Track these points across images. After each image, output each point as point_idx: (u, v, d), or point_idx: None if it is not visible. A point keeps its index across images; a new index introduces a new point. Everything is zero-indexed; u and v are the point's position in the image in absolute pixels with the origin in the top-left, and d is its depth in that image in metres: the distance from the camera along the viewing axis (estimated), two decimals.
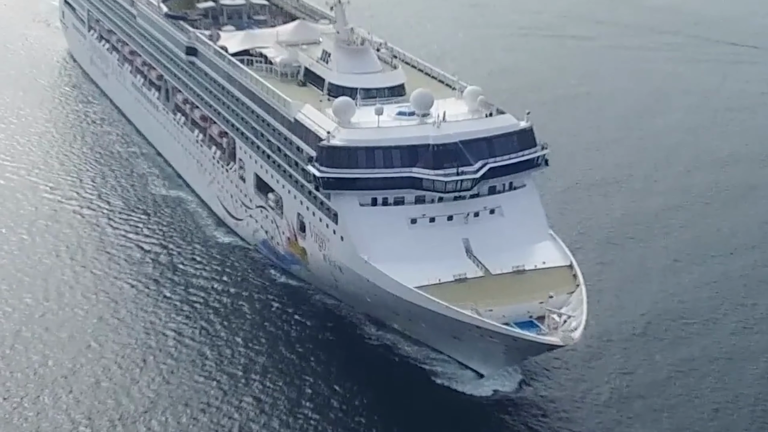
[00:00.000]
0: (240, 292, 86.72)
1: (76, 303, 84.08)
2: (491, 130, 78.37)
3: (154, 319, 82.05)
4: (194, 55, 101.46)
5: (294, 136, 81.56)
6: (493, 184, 78.11)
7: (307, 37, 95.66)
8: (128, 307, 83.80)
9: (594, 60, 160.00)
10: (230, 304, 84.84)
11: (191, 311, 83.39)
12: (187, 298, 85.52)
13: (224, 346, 78.54)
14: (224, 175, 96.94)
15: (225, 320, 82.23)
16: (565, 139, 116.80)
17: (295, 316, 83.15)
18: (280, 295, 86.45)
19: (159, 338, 79.32)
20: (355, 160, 75.42)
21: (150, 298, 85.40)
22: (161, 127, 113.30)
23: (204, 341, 79.12)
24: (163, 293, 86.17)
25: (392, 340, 79.07)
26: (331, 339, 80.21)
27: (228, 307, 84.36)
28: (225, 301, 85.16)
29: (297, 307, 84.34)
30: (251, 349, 78.17)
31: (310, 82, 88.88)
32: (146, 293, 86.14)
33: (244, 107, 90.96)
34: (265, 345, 78.86)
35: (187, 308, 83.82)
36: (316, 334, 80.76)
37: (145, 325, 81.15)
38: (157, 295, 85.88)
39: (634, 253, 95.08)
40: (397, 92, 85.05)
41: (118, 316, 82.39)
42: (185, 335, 79.78)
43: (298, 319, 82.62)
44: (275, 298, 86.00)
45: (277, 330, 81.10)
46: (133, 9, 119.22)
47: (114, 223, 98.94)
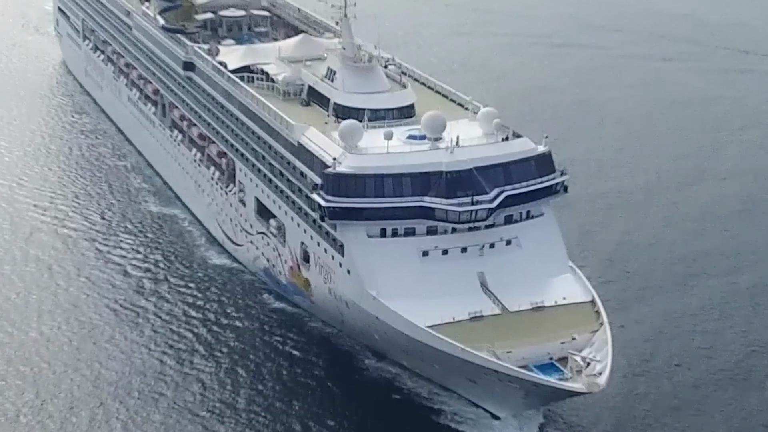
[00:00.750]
0: (230, 318, 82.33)
1: (54, 328, 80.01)
2: (508, 155, 73.59)
3: (135, 347, 77.79)
4: (192, 70, 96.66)
5: (297, 161, 76.78)
6: (510, 213, 73.37)
7: (310, 53, 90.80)
8: (108, 333, 79.49)
9: (606, 70, 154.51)
10: (219, 331, 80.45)
11: (176, 339, 79.07)
12: (173, 324, 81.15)
13: (210, 376, 74.16)
14: (223, 198, 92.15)
15: (212, 349, 77.83)
16: (578, 156, 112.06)
17: (288, 344, 78.81)
18: (273, 321, 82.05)
19: (140, 367, 75.05)
20: (362, 188, 70.64)
21: (132, 323, 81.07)
22: (157, 143, 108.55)
23: (188, 372, 74.72)
24: (147, 318, 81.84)
25: (393, 374, 74.35)
26: (327, 371, 75.58)
27: (217, 334, 79.94)
28: (213, 328, 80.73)
29: (290, 335, 79.92)
30: (238, 382, 73.75)
31: (314, 102, 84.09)
32: (128, 318, 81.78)
33: (244, 128, 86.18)
34: (255, 376, 74.47)
35: (172, 335, 79.51)
36: (311, 365, 76.25)
37: (124, 353, 76.81)
38: (141, 320, 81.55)
39: (660, 285, 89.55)
40: (407, 113, 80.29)
41: (96, 342, 78.21)
42: (168, 365, 75.48)
43: (291, 349, 78.25)
44: (267, 325, 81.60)
45: (268, 360, 76.72)
46: (128, 20, 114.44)
47: (99, 243, 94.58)
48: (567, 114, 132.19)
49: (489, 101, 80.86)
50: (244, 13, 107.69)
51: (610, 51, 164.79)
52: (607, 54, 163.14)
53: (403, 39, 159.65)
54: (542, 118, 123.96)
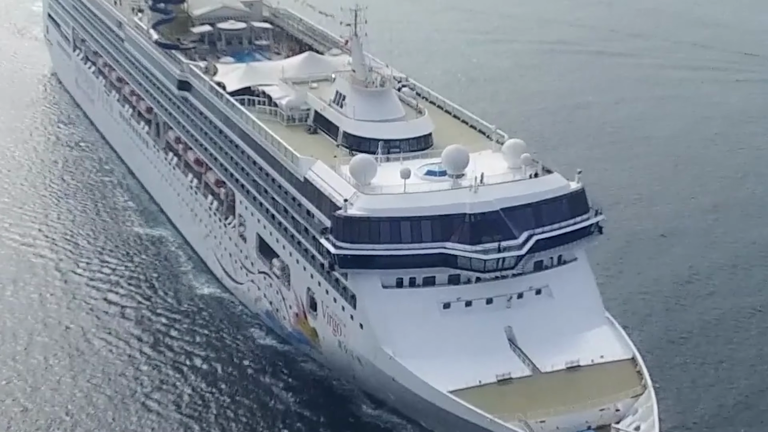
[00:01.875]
0: (215, 355, 76.23)
1: (28, 361, 74.52)
2: (538, 194, 66.25)
3: (113, 386, 72.02)
4: (187, 90, 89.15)
5: (304, 199, 69.40)
6: (540, 259, 66.11)
7: (316, 73, 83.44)
8: (84, 370, 73.73)
9: (635, 82, 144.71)
10: (202, 369, 74.48)
11: (156, 376, 73.41)
12: (154, 359, 75.40)
13: (192, 422, 68.28)
14: (222, 230, 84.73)
15: (194, 389, 72.00)
16: (606, 183, 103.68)
17: (277, 385, 72.63)
18: (262, 359, 75.90)
19: (117, 410, 69.22)
20: (377, 233, 63.28)
21: (111, 358, 75.33)
22: (151, 165, 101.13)
23: (168, 415, 68.87)
24: (127, 353, 76.13)
25: (393, 423, 67.65)
26: (318, 417, 69.10)
27: (199, 372, 74.01)
28: (197, 365, 74.79)
29: (279, 375, 73.79)
30: (222, 426, 67.90)
31: (321, 129, 76.66)
32: (107, 352, 76.05)
33: (244, 157, 78.75)
34: (240, 421, 68.60)
35: (151, 372, 73.84)
36: (300, 409, 69.94)
37: (101, 391, 71.09)
38: (120, 355, 75.83)
39: (713, 337, 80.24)
40: (424, 143, 72.95)
41: (73, 379, 72.56)
42: (149, 408, 69.63)
43: (279, 390, 72.06)
44: (257, 363, 75.40)
45: (254, 403, 70.62)
46: (120, 32, 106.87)
47: (75, 269, 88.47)
48: (593, 134, 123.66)
49: (509, 120, 74.59)
50: (244, 25, 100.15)
51: (639, 60, 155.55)
52: (636, 63, 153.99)
53: (414, 47, 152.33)
54: (566, 141, 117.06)
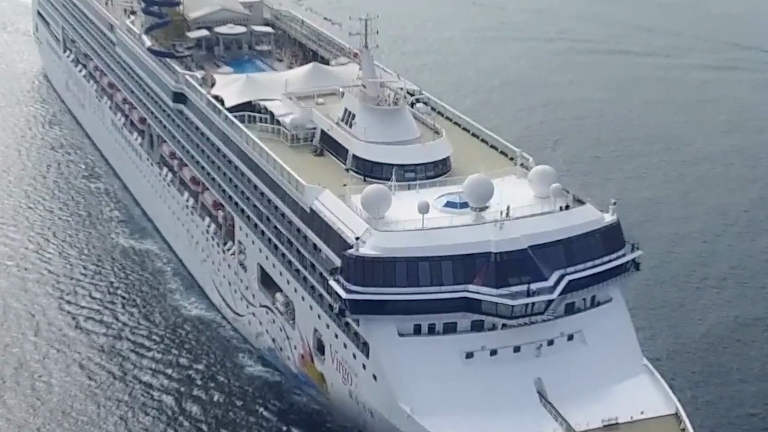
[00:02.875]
0: (200, 385, 71.15)
1: None
2: (569, 228, 59.81)
3: (82, 416, 66.92)
4: (183, 102, 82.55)
5: (310, 232, 62.97)
6: (572, 301, 59.68)
7: (322, 86, 76.73)
8: (51, 399, 68.60)
9: (657, 83, 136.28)
10: (184, 400, 69.38)
11: (132, 405, 68.74)
12: (131, 387, 70.71)
13: None
14: (220, 256, 78.30)
15: (174, 421, 67.00)
16: (636, 203, 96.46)
17: (270, 421, 67.44)
18: (253, 391, 70.75)
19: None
20: (392, 275, 56.85)
21: (82, 387, 70.35)
22: (144, 180, 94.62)
23: None
24: (101, 380, 71.29)
25: None
26: None
27: (181, 403, 69.08)
28: (178, 396, 69.87)
29: (270, 408, 68.79)
30: None
31: (328, 150, 70.12)
32: (85, 378, 71.27)
33: (244, 180, 72.29)
34: None
35: (127, 402, 69.09)
36: None
37: (70, 420, 66.27)
38: (94, 383, 70.82)
39: (762, 384, 72.62)
40: (442, 168, 66.51)
41: (32, 410, 67.41)
42: None
43: (272, 426, 66.74)
44: (245, 394, 70.35)
45: None
46: (112, 35, 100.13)
47: (54, 284, 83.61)
48: (615, 144, 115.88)
49: (525, 129, 67.62)
50: (243, 29, 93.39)
51: (659, 59, 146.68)
52: (656, 63, 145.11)
53: (425, 45, 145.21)
54: (588, 153, 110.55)
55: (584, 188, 66.59)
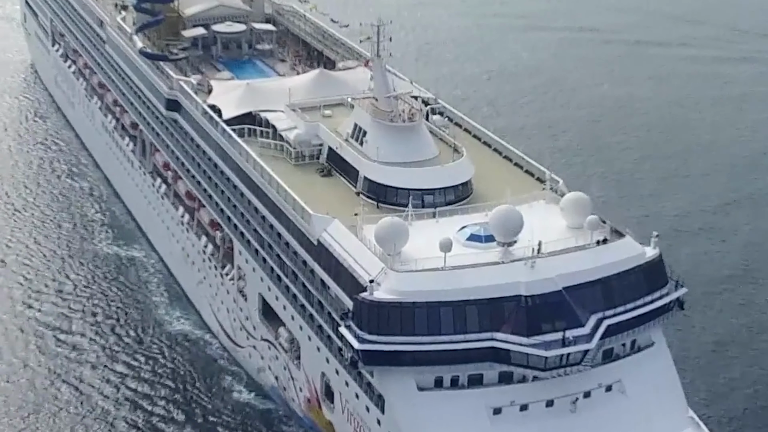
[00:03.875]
0: (181, 411, 65.89)
1: None
2: (608, 266, 53.43)
3: None
4: (177, 110, 76.04)
5: (317, 266, 56.60)
6: (610, 347, 53.38)
7: (329, 95, 70.25)
8: (23, 417, 64.26)
9: (698, 79, 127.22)
10: (165, 424, 64.67)
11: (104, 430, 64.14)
12: (106, 412, 65.59)
13: None
14: (218, 280, 71.97)
15: None
16: (656, 208, 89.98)
17: None
18: (241, 420, 65.29)
19: None
20: (411, 323, 50.54)
21: (56, 406, 65.54)
22: (136, 188, 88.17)
23: None
24: (73, 403, 66.13)
25: None
26: None
27: (160, 429, 64.04)
28: (159, 418, 65.11)
29: None
30: None
31: (336, 170, 63.62)
32: (50, 398, 66.55)
33: (244, 201, 65.89)
34: None
35: (100, 426, 64.31)
36: None
37: None
38: (67, 404, 66.01)
39: None
40: (463, 192, 60.05)
41: None
42: None
43: None
44: (228, 422, 64.87)
45: None
46: (102, 32, 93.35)
47: (29, 292, 78.32)
48: (645, 147, 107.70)
49: (548, 136, 60.99)
50: (243, 27, 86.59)
51: (700, 50, 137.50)
52: (697, 55, 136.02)
53: (438, 37, 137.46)
54: (615, 158, 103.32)
55: (615, 205, 59.61)
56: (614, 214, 61.63)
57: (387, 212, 57.23)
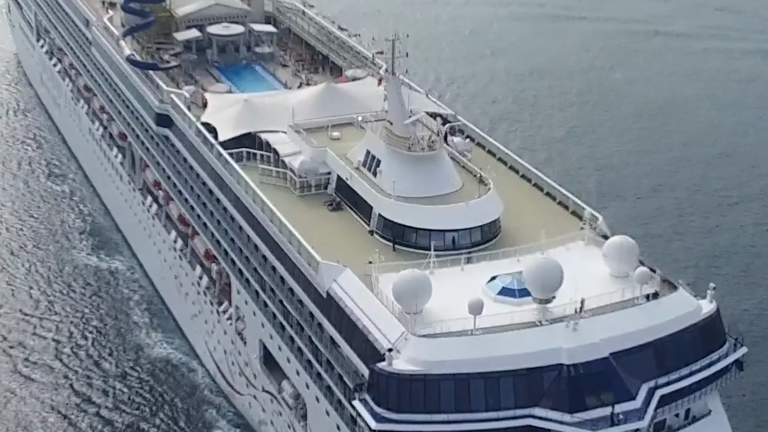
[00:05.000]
0: None
1: None
2: (660, 326, 46.58)
3: None
4: (168, 126, 68.83)
5: (327, 322, 49.63)
6: (662, 419, 46.51)
7: (338, 111, 63.13)
8: None
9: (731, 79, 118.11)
10: None
11: None
12: None
13: None
14: (214, 317, 65.07)
15: None
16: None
17: None
18: None
19: None
20: (436, 398, 43.74)
21: None
22: (126, 204, 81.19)
23: None
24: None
25: None
26: None
27: None
28: None
29: None
30: None
31: (346, 203, 56.48)
32: None
33: (243, 236, 58.85)
34: None
35: None
36: None
37: None
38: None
39: None
40: (490, 233, 53.00)
41: None
42: None
43: None
44: None
45: None
46: (87, 32, 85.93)
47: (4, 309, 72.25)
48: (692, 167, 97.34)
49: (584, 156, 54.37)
50: (241, 29, 79.32)
51: None
52: None
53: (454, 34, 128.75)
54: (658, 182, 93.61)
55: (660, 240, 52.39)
56: (659, 252, 54.57)
57: (404, 256, 50.65)
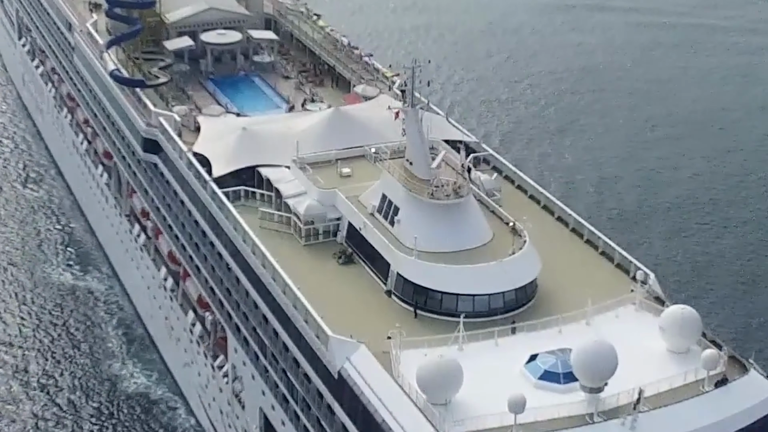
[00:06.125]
0: None
1: None
2: (731, 419, 39.58)
3: None
4: (156, 153, 61.42)
5: (338, 406, 42.58)
6: None
7: (348, 142, 55.89)
8: None
9: None
10: None
11: None
12: None
13: None
14: (209, 371, 57.98)
15: None
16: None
17: None
18: None
19: None
20: None
21: None
22: (112, 230, 74.03)
23: None
24: None
25: None
26: None
27: None
28: None
29: None
30: None
31: (359, 256, 49.20)
32: None
33: (240, 290, 51.60)
34: None
35: None
36: None
37: None
38: None
39: None
40: (526, 296, 45.80)
41: None
42: None
43: None
44: None
45: None
46: (70, 36, 78.36)
47: None
48: None
49: None
50: (238, 37, 71.75)
51: None
52: None
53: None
54: None
55: None
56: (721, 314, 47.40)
57: (428, 324, 43.77)
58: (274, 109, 65.83)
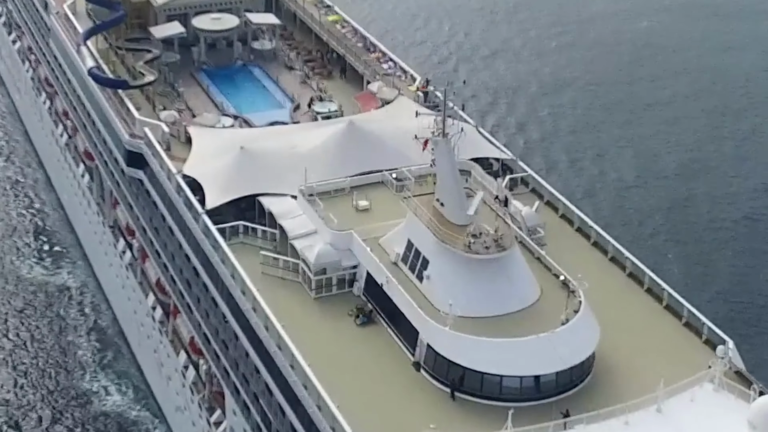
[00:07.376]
0: None
1: None
2: None
3: None
4: (140, 168, 53.14)
5: None
6: None
7: (364, 162, 47.83)
8: None
9: None
10: None
11: None
12: None
13: None
14: (204, 424, 50.49)
15: None
16: None
17: None
18: None
19: None
20: None
21: None
22: (95, 239, 66.31)
23: None
24: None
25: None
26: None
27: None
28: None
29: None
30: None
31: (380, 315, 41.27)
32: None
33: (239, 347, 43.84)
34: None
35: None
36: None
37: None
38: None
39: None
40: (580, 375, 38.06)
41: None
42: None
43: None
44: None
45: None
46: (46, 16, 69.65)
47: None
48: None
49: None
50: (236, 22, 63.27)
51: None
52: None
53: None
54: None
55: None
56: None
57: (468, 409, 36.35)
58: (276, 109, 57.95)
